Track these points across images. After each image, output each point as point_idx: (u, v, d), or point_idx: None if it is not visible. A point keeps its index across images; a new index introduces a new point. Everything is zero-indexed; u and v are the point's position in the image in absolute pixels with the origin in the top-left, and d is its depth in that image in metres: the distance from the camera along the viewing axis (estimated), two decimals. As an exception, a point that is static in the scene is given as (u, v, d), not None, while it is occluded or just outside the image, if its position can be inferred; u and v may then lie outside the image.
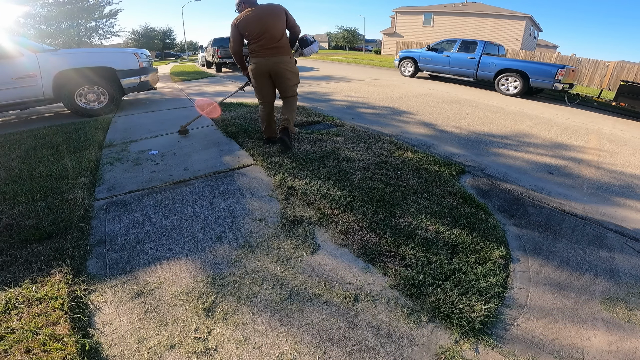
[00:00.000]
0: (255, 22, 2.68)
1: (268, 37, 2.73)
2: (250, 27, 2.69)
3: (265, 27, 2.71)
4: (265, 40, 2.73)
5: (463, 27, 26.40)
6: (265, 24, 2.70)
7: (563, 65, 7.37)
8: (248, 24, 2.69)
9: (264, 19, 2.70)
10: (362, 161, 2.84)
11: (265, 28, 2.71)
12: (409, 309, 1.36)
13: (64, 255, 1.60)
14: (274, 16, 2.73)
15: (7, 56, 4.08)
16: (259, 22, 2.69)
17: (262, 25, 2.70)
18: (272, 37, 2.73)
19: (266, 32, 2.71)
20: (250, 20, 2.68)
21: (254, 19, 2.68)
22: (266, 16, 2.70)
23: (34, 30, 21.05)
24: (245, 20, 2.69)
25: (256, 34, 2.70)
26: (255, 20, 2.68)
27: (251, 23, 2.69)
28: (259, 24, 2.69)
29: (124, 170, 2.71)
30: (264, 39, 2.72)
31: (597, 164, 3.35)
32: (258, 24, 2.69)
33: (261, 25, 2.69)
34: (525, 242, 1.88)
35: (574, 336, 1.29)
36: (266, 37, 2.72)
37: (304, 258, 1.66)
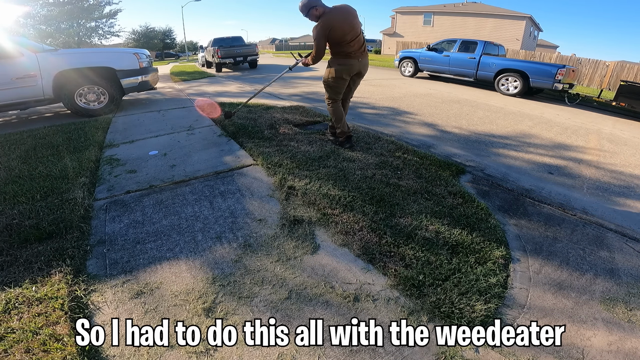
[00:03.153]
0: (345, 25, 2.69)
1: (358, 41, 2.80)
2: (340, 30, 2.68)
3: (355, 29, 2.75)
4: (357, 42, 2.79)
5: (463, 27, 26.39)
6: (353, 26, 2.73)
7: (563, 65, 7.37)
8: (338, 29, 2.68)
9: (351, 21, 2.72)
10: (362, 161, 2.84)
11: (355, 30, 2.75)
12: (409, 309, 1.36)
13: (64, 255, 1.60)
14: (356, 17, 2.77)
15: (7, 56, 4.08)
16: (349, 25, 2.70)
17: (351, 28, 2.72)
18: (360, 38, 2.82)
19: (357, 34, 2.77)
20: (339, 25, 2.67)
21: (343, 24, 2.68)
22: (352, 18, 2.73)
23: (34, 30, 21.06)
24: (334, 26, 2.67)
25: (350, 36, 2.73)
26: (344, 26, 2.69)
27: (340, 29, 2.68)
28: (349, 26, 2.71)
29: (124, 170, 2.71)
30: (356, 42, 2.78)
31: (597, 164, 3.35)
32: (348, 27, 2.70)
33: (351, 28, 2.72)
34: (525, 242, 1.88)
35: (574, 336, 1.29)
36: (357, 40, 2.79)
37: (304, 258, 1.66)
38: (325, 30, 2.68)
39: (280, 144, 3.21)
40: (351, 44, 2.77)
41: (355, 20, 2.76)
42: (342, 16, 2.70)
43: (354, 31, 2.74)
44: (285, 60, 20.27)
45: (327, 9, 2.74)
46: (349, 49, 2.79)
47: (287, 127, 3.76)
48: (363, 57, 2.90)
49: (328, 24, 2.66)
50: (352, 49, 2.80)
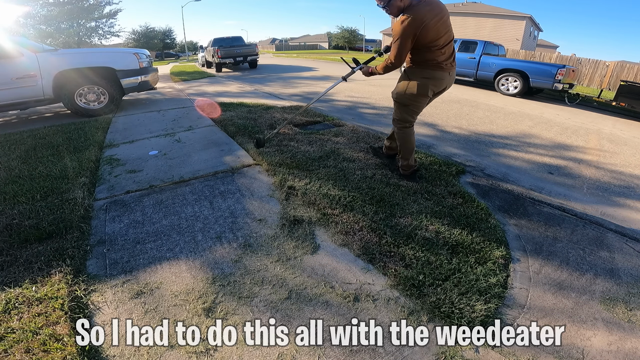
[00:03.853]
0: (441, 24, 2.04)
1: (450, 45, 2.16)
2: (434, 31, 2.01)
3: (450, 32, 2.13)
4: (449, 48, 2.15)
5: (463, 27, 26.39)
6: (448, 26, 2.10)
7: (563, 65, 7.37)
8: (432, 29, 2.00)
9: (447, 20, 2.09)
10: (362, 161, 2.84)
11: (450, 33, 2.13)
12: (409, 309, 1.36)
13: (64, 255, 1.60)
14: (448, 17, 2.11)
15: (7, 56, 4.09)
16: (444, 25, 2.06)
17: (447, 29, 2.08)
18: (452, 45, 2.18)
19: (450, 38, 2.14)
20: (433, 20, 1.99)
21: (438, 19, 2.02)
22: (447, 17, 2.09)
23: (34, 30, 21.05)
24: (428, 25, 1.98)
25: (443, 40, 2.08)
26: (440, 22, 2.03)
27: (435, 28, 2.01)
28: (444, 26, 2.06)
29: (124, 170, 2.71)
30: (448, 48, 2.14)
31: (597, 164, 3.35)
32: (444, 27, 2.06)
33: (446, 29, 2.08)
34: (525, 242, 1.88)
35: (574, 336, 1.29)
36: (450, 46, 2.15)
37: (304, 258, 1.66)
38: (416, 28, 1.97)
39: (280, 144, 3.21)
40: (443, 50, 2.11)
41: (448, 17, 2.10)
42: (436, 11, 2.02)
43: (449, 33, 2.11)
44: (285, 60, 20.26)
45: (414, 1, 2.04)
46: (440, 57, 2.12)
47: (287, 127, 3.76)
48: (453, 69, 2.25)
49: (420, 20, 1.96)
50: (444, 58, 2.13)
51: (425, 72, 2.19)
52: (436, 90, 2.26)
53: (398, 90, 2.33)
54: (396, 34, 2.05)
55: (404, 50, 2.07)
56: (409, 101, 2.30)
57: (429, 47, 2.08)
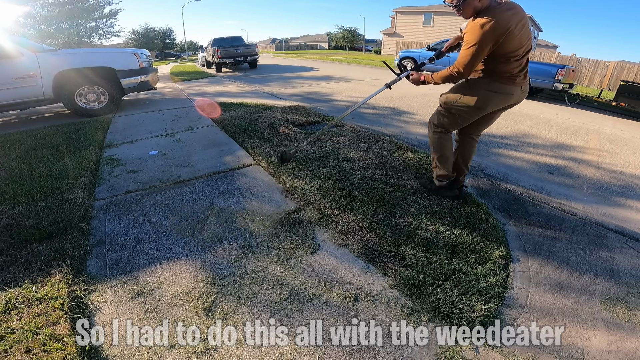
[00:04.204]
0: (524, 33, 1.75)
1: (526, 58, 1.87)
2: (517, 40, 1.73)
3: (530, 41, 1.83)
4: (525, 60, 1.85)
5: (463, 27, 26.36)
6: (529, 35, 1.80)
7: (563, 65, 7.37)
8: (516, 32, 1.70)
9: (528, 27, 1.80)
10: (362, 161, 2.84)
11: (530, 42, 1.83)
12: (409, 309, 1.36)
13: (64, 255, 1.60)
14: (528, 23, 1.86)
15: (7, 56, 4.09)
16: (527, 33, 1.77)
17: (528, 38, 1.79)
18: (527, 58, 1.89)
19: (529, 49, 1.84)
20: (517, 26, 1.70)
21: (522, 27, 1.73)
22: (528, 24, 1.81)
23: (34, 30, 21.06)
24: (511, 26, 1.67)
25: (524, 50, 1.80)
26: (523, 30, 1.74)
27: (519, 33, 1.71)
28: (527, 35, 1.77)
29: (124, 170, 2.71)
30: (525, 59, 1.85)
31: (597, 164, 3.35)
32: (526, 36, 1.77)
33: (528, 37, 1.79)
34: (525, 242, 1.88)
35: (574, 336, 1.29)
36: (526, 57, 1.86)
37: (304, 258, 1.65)
38: (499, 34, 1.67)
39: (280, 144, 3.21)
40: (520, 61, 1.83)
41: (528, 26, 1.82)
42: (520, 16, 1.72)
43: (529, 42, 1.82)
44: (286, 60, 20.26)
45: (493, 3, 1.72)
46: (515, 69, 1.83)
47: (287, 127, 3.76)
48: (526, 83, 1.95)
49: (505, 25, 1.66)
50: (519, 70, 1.85)
51: (494, 85, 1.87)
52: (500, 106, 1.95)
53: (449, 97, 2.04)
54: (472, 39, 1.69)
55: (478, 59, 1.74)
56: (461, 110, 2.00)
57: (508, 57, 1.77)
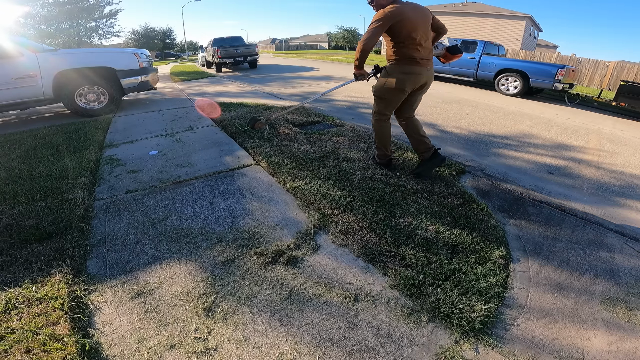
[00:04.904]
0: (418, 23, 2.21)
1: (428, 45, 2.33)
2: (410, 27, 2.18)
3: (427, 33, 2.30)
4: (425, 48, 2.31)
5: (463, 27, 26.39)
6: (427, 23, 2.28)
7: (563, 65, 7.37)
8: (410, 22, 2.17)
9: (425, 22, 2.28)
10: (362, 161, 2.84)
11: (427, 33, 2.30)
12: (409, 309, 1.36)
13: (64, 255, 1.60)
14: (429, 21, 2.33)
15: (7, 56, 4.09)
16: (422, 24, 2.24)
17: (424, 28, 2.26)
18: (429, 45, 2.37)
19: (427, 38, 2.30)
20: (411, 18, 2.17)
21: (417, 19, 2.21)
22: (426, 20, 2.29)
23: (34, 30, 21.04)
24: (406, 17, 2.15)
25: (420, 34, 2.24)
26: (417, 21, 2.21)
27: (413, 22, 2.18)
28: (422, 25, 2.24)
29: (124, 170, 2.71)
30: (425, 47, 2.29)
31: (597, 164, 3.35)
32: (422, 26, 2.24)
33: (425, 23, 2.26)
34: (525, 242, 1.88)
35: (574, 336, 1.29)
36: (427, 45, 2.32)
37: (304, 258, 1.66)
38: (391, 17, 2.14)
39: (280, 144, 3.21)
40: (421, 45, 2.26)
41: (429, 22, 2.32)
42: (415, 11, 2.22)
43: (425, 29, 2.27)
44: (286, 60, 20.27)
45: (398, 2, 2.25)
46: (416, 53, 2.26)
47: (287, 127, 3.76)
48: (431, 66, 2.40)
49: (397, 12, 2.14)
50: (420, 54, 2.27)
51: (404, 67, 2.31)
52: (414, 86, 2.38)
53: (377, 85, 2.50)
54: (377, 18, 2.17)
55: (374, 37, 2.19)
56: (387, 95, 2.44)
57: (406, 39, 2.22)
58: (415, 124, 2.61)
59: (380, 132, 2.62)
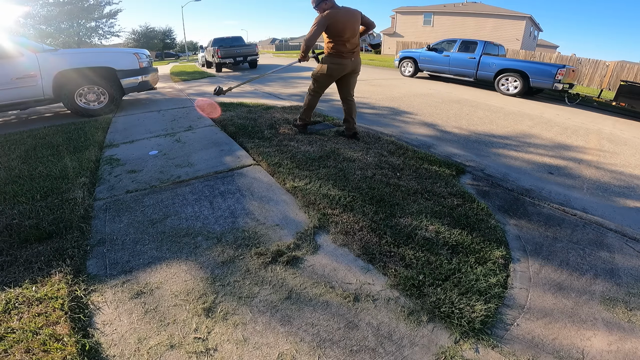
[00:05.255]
0: (346, 25, 2.89)
1: (354, 42, 3.02)
2: (340, 28, 2.88)
3: (354, 31, 2.99)
4: (352, 43, 3.00)
5: (463, 27, 26.38)
6: (354, 25, 2.97)
7: (563, 65, 7.37)
8: (340, 24, 2.87)
9: (353, 23, 2.95)
10: (362, 161, 2.84)
11: (354, 32, 2.99)
12: (409, 309, 1.36)
13: (64, 255, 1.60)
14: (357, 21, 3.01)
15: (7, 56, 4.08)
16: (350, 26, 2.92)
17: (351, 29, 2.94)
18: (355, 41, 3.05)
19: (354, 36, 2.99)
20: (341, 21, 2.87)
21: (345, 21, 2.88)
22: (354, 21, 2.96)
23: (34, 30, 21.04)
24: (337, 20, 2.86)
25: (346, 37, 2.93)
26: (346, 23, 2.89)
27: (343, 24, 2.88)
28: (350, 27, 2.92)
29: (124, 170, 2.71)
30: (351, 43, 3.00)
31: (597, 164, 3.35)
32: (349, 28, 2.92)
33: (352, 25, 2.94)
34: (525, 242, 1.88)
35: (574, 336, 1.29)
36: (353, 41, 3.01)
37: (304, 258, 1.66)
38: (327, 20, 2.86)
39: (280, 144, 3.21)
40: (346, 44, 2.96)
41: (356, 22, 2.98)
42: (346, 13, 2.91)
43: (352, 30, 2.96)
44: (285, 60, 20.27)
45: (335, 5, 2.95)
46: (343, 48, 2.98)
47: (287, 127, 3.76)
48: (356, 57, 3.11)
49: (332, 16, 2.84)
50: (347, 49, 2.99)
51: (333, 59, 3.06)
52: (341, 73, 3.14)
53: (315, 70, 3.24)
54: (314, 22, 2.90)
55: (315, 35, 2.89)
56: (320, 78, 3.20)
57: (336, 37, 2.92)
58: (349, 105, 3.35)
59: (309, 104, 3.41)
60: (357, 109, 3.55)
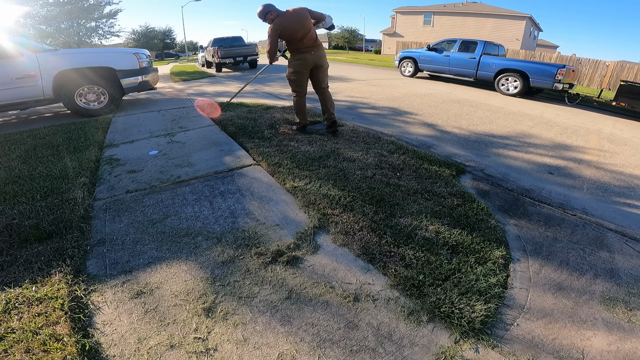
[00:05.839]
0: (296, 27, 3.15)
1: (309, 37, 3.25)
2: (291, 31, 3.15)
3: (305, 28, 3.21)
4: (307, 40, 3.25)
5: (463, 27, 26.39)
6: (303, 24, 3.19)
7: (563, 65, 7.36)
8: (290, 29, 3.14)
9: (301, 20, 3.17)
10: (362, 161, 2.84)
11: (305, 28, 3.21)
12: (409, 309, 1.36)
13: (64, 255, 1.60)
14: (306, 18, 3.22)
15: (7, 56, 4.08)
16: (300, 27, 3.16)
17: (302, 26, 3.18)
18: (311, 36, 3.27)
19: (305, 33, 3.22)
20: (290, 26, 3.13)
21: (293, 24, 3.14)
22: (301, 18, 3.18)
23: (34, 30, 21.02)
24: (286, 27, 3.13)
25: (300, 36, 3.19)
26: (295, 25, 3.14)
27: (291, 28, 3.14)
28: (300, 28, 3.17)
29: (124, 170, 2.71)
30: (307, 40, 3.25)
31: (597, 164, 3.35)
32: (299, 25, 3.16)
33: (301, 26, 3.18)
34: (525, 242, 1.88)
35: (574, 336, 1.29)
36: (308, 38, 3.25)
37: (303, 258, 1.66)
38: (277, 29, 3.13)
39: (280, 144, 3.21)
40: (302, 40, 3.21)
41: (305, 20, 3.19)
42: (292, 17, 3.15)
43: (304, 29, 3.18)
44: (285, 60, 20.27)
45: (280, 12, 3.22)
46: (301, 45, 3.24)
47: (287, 127, 3.77)
48: (316, 50, 3.31)
49: (279, 24, 3.12)
50: (304, 45, 3.25)
51: (296, 56, 3.33)
52: (307, 67, 3.35)
53: (287, 73, 3.46)
54: (269, 34, 3.19)
55: (274, 45, 3.22)
56: (292, 77, 3.41)
57: (291, 40, 3.22)
58: (324, 96, 3.53)
59: (298, 105, 3.54)
60: (357, 108, 3.59)
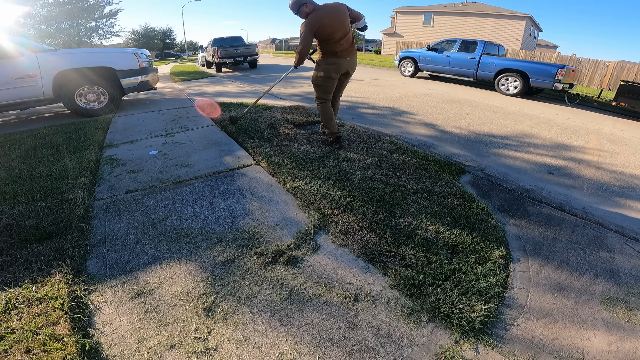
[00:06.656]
0: (335, 25, 2.70)
1: (347, 39, 2.82)
2: (329, 30, 2.69)
3: (345, 28, 2.76)
4: (345, 42, 2.81)
5: (463, 27, 26.38)
6: (343, 23, 2.74)
7: (563, 65, 7.36)
8: (328, 26, 2.68)
9: (341, 18, 2.72)
10: (362, 161, 2.84)
11: (345, 28, 2.76)
12: (409, 309, 1.36)
13: (64, 255, 1.60)
14: (346, 15, 2.77)
15: (7, 56, 4.08)
16: (339, 22, 2.71)
17: (341, 25, 2.73)
18: (349, 38, 2.84)
19: (344, 34, 2.77)
20: (328, 23, 2.67)
21: (332, 22, 2.68)
22: (342, 16, 2.73)
23: (34, 30, 21.03)
24: (323, 24, 2.66)
25: (338, 37, 2.74)
26: (334, 23, 2.69)
27: (329, 26, 2.68)
28: (339, 23, 2.71)
29: (124, 170, 2.71)
30: (344, 42, 2.80)
31: (597, 164, 3.35)
32: (338, 24, 2.71)
33: (341, 25, 2.72)
34: (525, 242, 1.88)
35: (574, 336, 1.29)
36: (346, 40, 2.81)
37: (303, 258, 1.65)
38: (313, 26, 2.66)
39: (280, 144, 3.21)
40: (340, 42, 2.77)
41: (345, 18, 2.75)
42: (332, 13, 2.69)
43: (343, 29, 2.75)
44: (286, 60, 20.27)
45: (317, 6, 2.73)
46: (337, 48, 2.80)
47: (287, 127, 3.77)
48: (351, 56, 2.92)
49: (317, 20, 2.65)
50: (341, 48, 2.81)
51: (328, 59, 2.87)
52: (339, 72, 2.93)
53: (313, 76, 3.04)
54: (301, 31, 2.71)
55: (307, 43, 2.73)
56: (321, 82, 2.98)
57: (328, 40, 2.75)
58: (335, 106, 3.26)
59: (324, 113, 3.10)
60: (357, 108, 3.54)
